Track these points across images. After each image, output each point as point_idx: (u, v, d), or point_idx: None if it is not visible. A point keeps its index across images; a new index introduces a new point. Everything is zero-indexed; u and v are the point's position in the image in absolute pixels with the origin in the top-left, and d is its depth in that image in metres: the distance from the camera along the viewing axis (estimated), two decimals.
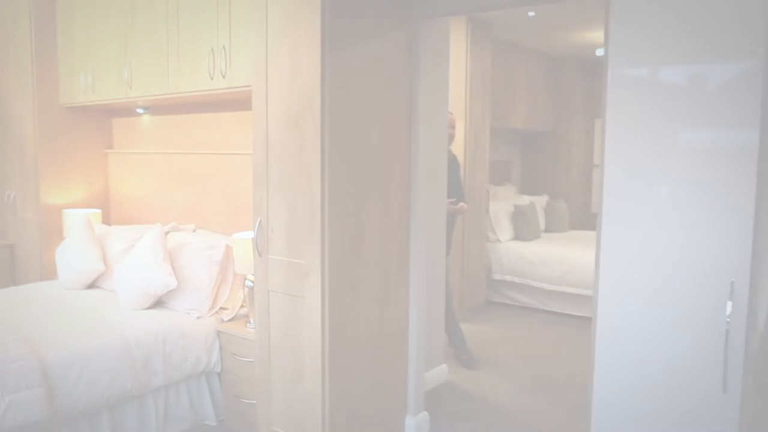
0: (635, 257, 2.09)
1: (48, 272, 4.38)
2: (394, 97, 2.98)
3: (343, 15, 2.62)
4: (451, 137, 4.31)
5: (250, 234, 3.26)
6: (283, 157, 2.75)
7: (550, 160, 7.46)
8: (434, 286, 3.89)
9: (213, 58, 3.30)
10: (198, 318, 3.29)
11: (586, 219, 7.75)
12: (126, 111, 4.53)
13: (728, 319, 1.92)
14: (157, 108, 4.32)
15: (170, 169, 4.24)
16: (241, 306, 3.48)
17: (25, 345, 2.68)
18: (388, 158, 2.97)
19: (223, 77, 3.26)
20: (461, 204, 4.35)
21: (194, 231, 4.02)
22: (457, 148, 4.95)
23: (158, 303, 3.42)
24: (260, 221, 2.87)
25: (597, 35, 5.88)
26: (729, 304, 1.92)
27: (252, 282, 3.24)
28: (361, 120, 2.78)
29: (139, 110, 4.36)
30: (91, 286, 3.82)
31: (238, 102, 3.76)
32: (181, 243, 3.54)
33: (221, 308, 3.43)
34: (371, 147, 2.86)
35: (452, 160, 4.40)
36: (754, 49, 1.87)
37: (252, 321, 3.25)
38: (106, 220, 4.65)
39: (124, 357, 2.91)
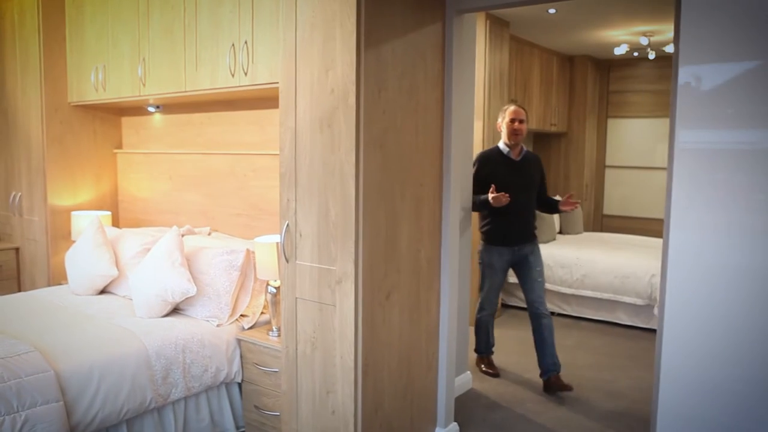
0: (706, 266, 1.96)
1: (55, 277, 4.22)
2: (426, 95, 2.84)
3: (379, 8, 2.48)
4: (519, 133, 3.78)
5: (274, 238, 3.12)
6: (313, 158, 2.61)
7: (563, 161, 7.34)
8: (462, 290, 3.75)
9: (234, 54, 3.15)
10: (218, 326, 3.14)
11: (600, 221, 7.63)
12: (136, 109, 4.38)
13: None
14: (169, 106, 4.17)
15: (183, 170, 4.09)
16: (262, 313, 3.33)
17: (40, 356, 2.53)
18: (420, 158, 2.83)
19: (246, 74, 3.11)
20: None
21: (209, 234, 3.88)
22: (476, 149, 4.81)
23: (174, 310, 3.27)
24: (288, 225, 2.73)
25: (615, 33, 5.76)
26: None
27: (274, 288, 3.10)
28: (395, 119, 2.64)
29: (151, 108, 4.21)
30: (103, 291, 3.67)
31: (257, 100, 3.62)
32: (198, 247, 3.39)
33: (241, 315, 3.28)
34: (404, 147, 2.72)
35: (531, 158, 3.90)
36: None
37: (275, 329, 3.11)
38: (115, 222, 4.49)
39: (144, 368, 2.76)
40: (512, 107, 3.84)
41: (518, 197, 3.69)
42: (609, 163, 7.56)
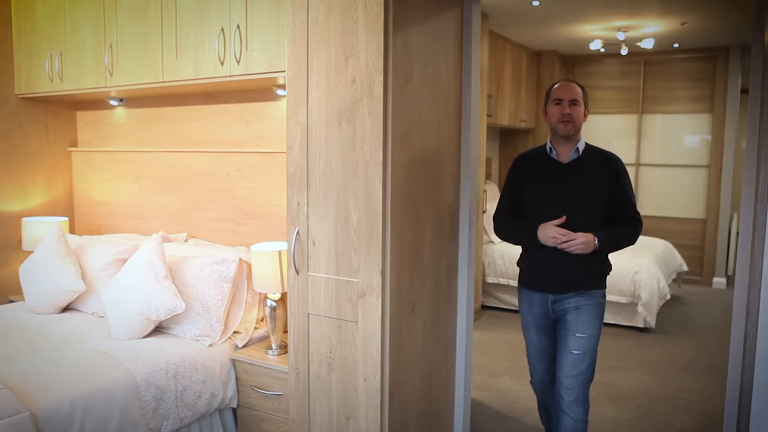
0: None
1: (4, 292, 3.72)
2: (448, 86, 2.60)
3: None
4: (571, 120, 2.46)
5: (274, 245, 2.80)
6: (330, 156, 2.31)
7: None
8: None
9: (224, 39, 2.80)
10: (210, 346, 2.79)
11: None
12: (94, 103, 3.91)
13: None
14: (134, 99, 3.74)
15: (152, 170, 3.68)
16: (255, 328, 3.00)
17: (11, 394, 2.12)
18: (441, 156, 2.59)
19: (238, 63, 2.77)
20: (579, 235, 2.34)
21: (186, 241, 3.49)
22: None
23: (156, 328, 2.89)
24: (298, 232, 2.43)
25: (591, 28, 5.69)
26: None
27: (274, 302, 2.79)
28: (420, 112, 2.39)
29: (113, 102, 3.77)
30: (67, 309, 3.23)
31: (241, 92, 3.27)
32: (180, 256, 3.01)
33: (234, 332, 2.94)
34: (428, 143, 2.47)
35: (593, 160, 2.55)
36: None
37: (274, 346, 2.80)
38: (71, 229, 4.02)
39: (133, 400, 2.39)
40: (557, 84, 2.52)
41: (560, 217, 2.40)
42: None
